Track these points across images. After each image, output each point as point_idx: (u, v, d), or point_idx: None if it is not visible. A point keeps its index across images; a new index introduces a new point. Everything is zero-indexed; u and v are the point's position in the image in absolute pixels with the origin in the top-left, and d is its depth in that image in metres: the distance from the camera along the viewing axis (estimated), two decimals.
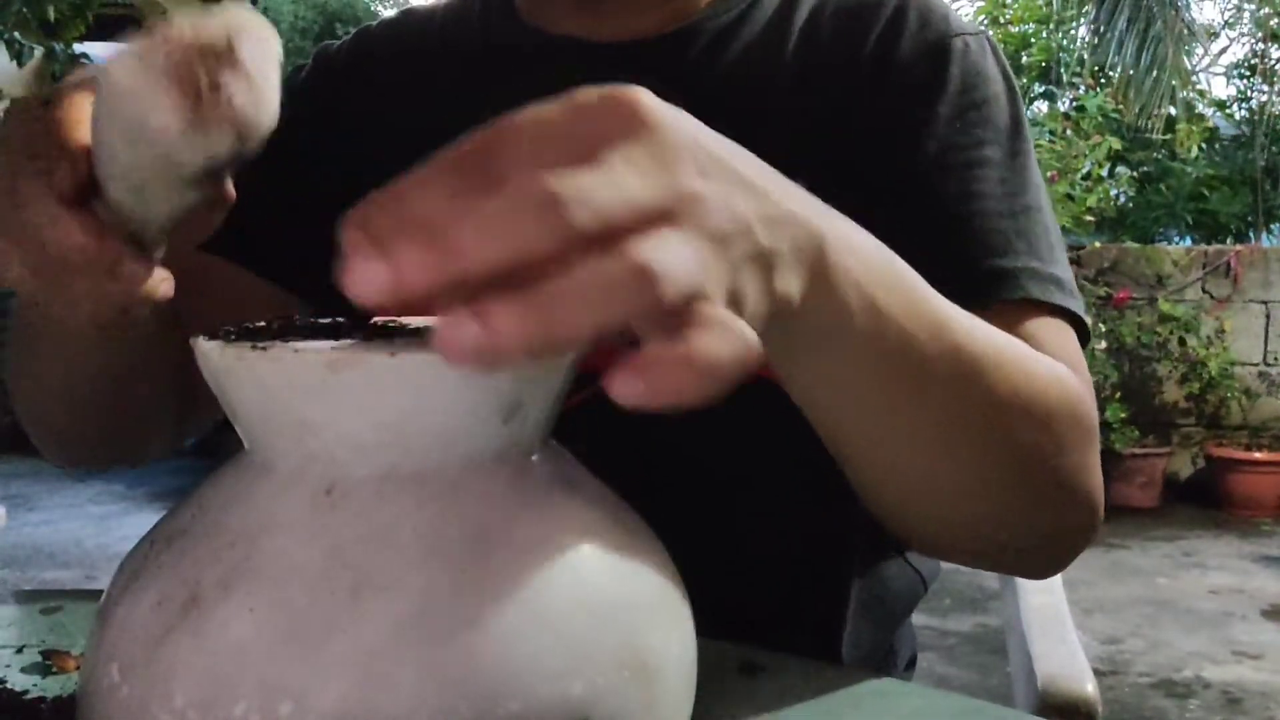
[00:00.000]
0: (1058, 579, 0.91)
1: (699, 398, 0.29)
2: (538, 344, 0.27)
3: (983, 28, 0.72)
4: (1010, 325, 0.59)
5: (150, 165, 0.36)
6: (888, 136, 0.65)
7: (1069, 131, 4.90)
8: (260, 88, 0.35)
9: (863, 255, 0.41)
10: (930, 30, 0.67)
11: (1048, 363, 0.55)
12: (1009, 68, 0.69)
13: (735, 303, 0.32)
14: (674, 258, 0.29)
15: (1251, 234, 5.54)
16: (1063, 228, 4.29)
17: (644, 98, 0.32)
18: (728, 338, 0.29)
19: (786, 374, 0.45)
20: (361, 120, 0.74)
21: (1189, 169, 5.52)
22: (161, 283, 0.41)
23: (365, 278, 0.27)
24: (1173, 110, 5.59)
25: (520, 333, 0.27)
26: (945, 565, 0.80)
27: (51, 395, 0.60)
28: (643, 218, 0.29)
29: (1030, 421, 0.52)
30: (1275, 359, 4.61)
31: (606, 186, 0.29)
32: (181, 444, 0.73)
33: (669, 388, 0.28)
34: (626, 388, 0.28)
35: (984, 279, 0.61)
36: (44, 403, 0.62)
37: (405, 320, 0.41)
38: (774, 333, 0.37)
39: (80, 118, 0.38)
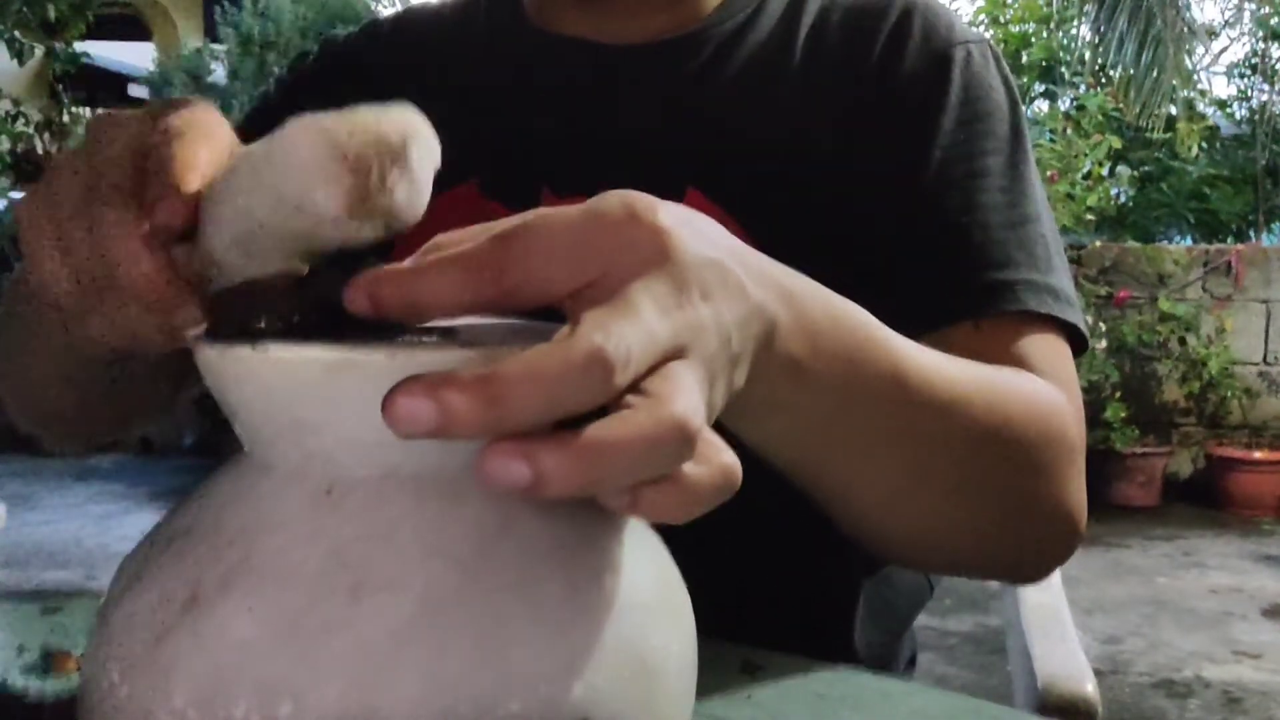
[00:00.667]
0: (1058, 579, 0.91)
1: (678, 520, 0.31)
2: (582, 489, 0.29)
3: (985, 35, 0.72)
4: (1005, 340, 0.60)
5: (285, 236, 0.36)
6: (891, 146, 0.66)
7: (1069, 131, 4.90)
8: (419, 191, 0.36)
9: (812, 328, 0.41)
10: (934, 40, 0.67)
11: (1028, 389, 0.56)
12: (1010, 75, 0.70)
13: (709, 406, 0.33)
14: (694, 402, 0.30)
15: (1252, 233, 5.54)
16: (1063, 227, 4.30)
17: (664, 218, 0.33)
18: (714, 472, 0.31)
19: (738, 432, 0.44)
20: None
21: (1190, 168, 5.52)
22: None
23: (412, 415, 0.29)
24: (1173, 109, 5.59)
25: (565, 478, 0.28)
26: None
27: (43, 381, 0.59)
28: (663, 357, 0.31)
29: (1006, 456, 0.53)
30: (1276, 358, 4.61)
31: (639, 336, 0.30)
32: (170, 412, 0.72)
33: (655, 509, 0.30)
34: (619, 503, 0.30)
35: (982, 291, 0.61)
36: (33, 387, 0.61)
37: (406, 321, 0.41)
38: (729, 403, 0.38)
39: (194, 162, 0.37)
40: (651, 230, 0.33)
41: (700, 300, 0.33)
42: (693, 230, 0.35)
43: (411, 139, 0.36)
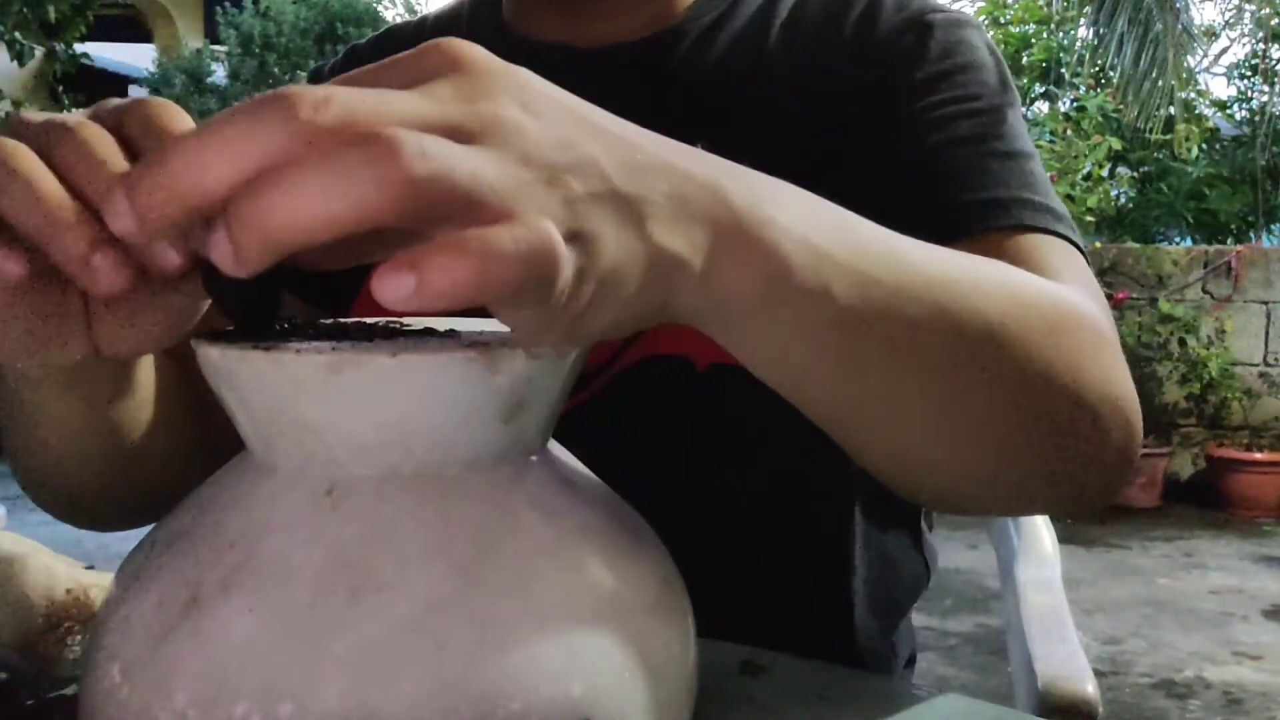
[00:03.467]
0: (1058, 579, 0.91)
1: (479, 295, 0.27)
2: (466, 296, 0.26)
3: (966, 13, 0.72)
4: (1006, 253, 0.54)
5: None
6: (871, 106, 0.65)
7: (1069, 132, 4.91)
8: None
9: (784, 204, 0.37)
10: (908, 10, 0.68)
11: (1039, 280, 0.50)
12: (994, 44, 0.69)
13: (586, 243, 0.30)
14: (445, 149, 0.27)
15: (1252, 234, 5.54)
16: None
17: (470, 47, 0.31)
18: (515, 229, 0.27)
19: (736, 348, 0.40)
20: None
21: (1189, 169, 5.52)
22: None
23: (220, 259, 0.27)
24: (1172, 110, 5.59)
25: (450, 282, 0.26)
26: (944, 565, 0.80)
27: (57, 450, 0.53)
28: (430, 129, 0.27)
29: (1032, 342, 0.46)
30: (1276, 359, 4.61)
31: (383, 100, 0.28)
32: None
33: (443, 280, 0.26)
34: (393, 285, 0.26)
35: (975, 208, 0.58)
36: (49, 459, 0.54)
37: (407, 321, 0.41)
38: (699, 302, 0.35)
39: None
40: (449, 49, 0.31)
41: (518, 109, 0.30)
42: (537, 79, 0.32)
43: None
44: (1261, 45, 5.98)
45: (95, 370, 0.46)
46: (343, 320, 0.41)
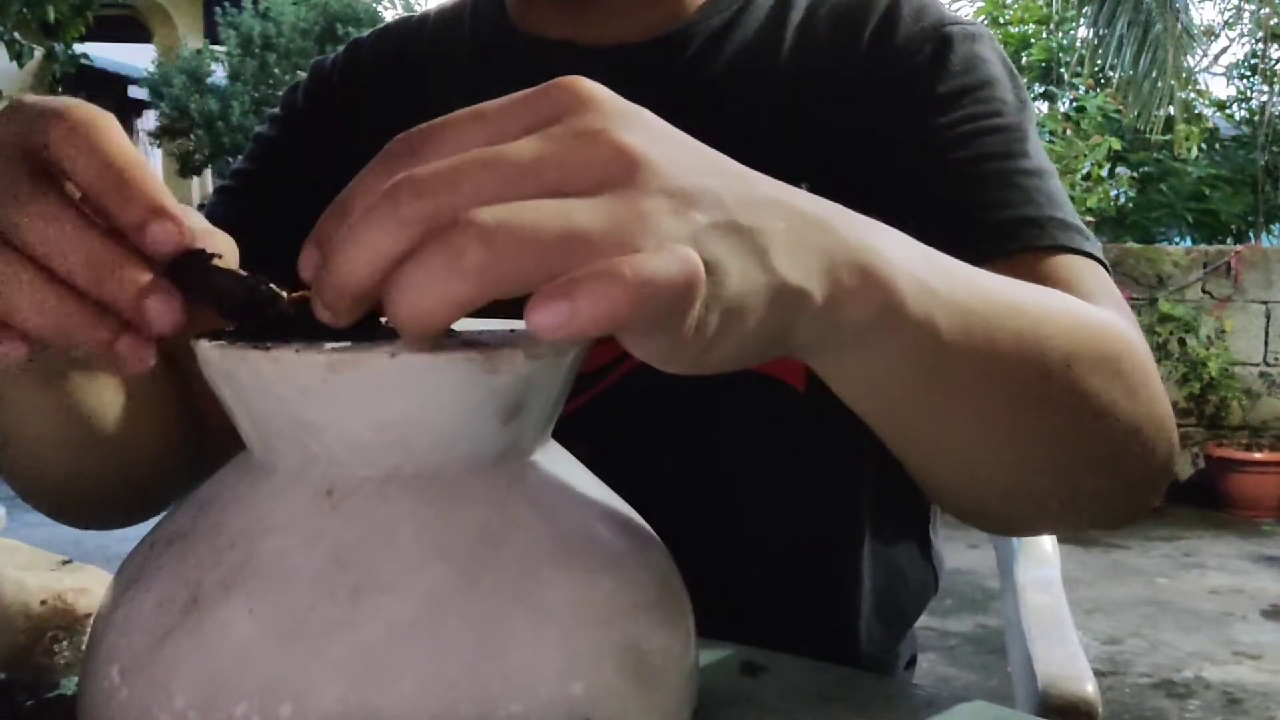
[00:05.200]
0: (1058, 579, 0.91)
1: (632, 320, 0.27)
2: (615, 324, 0.27)
3: (978, 23, 0.71)
4: (1042, 273, 0.56)
5: None
6: (889, 117, 0.65)
7: (1069, 132, 4.91)
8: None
9: (889, 238, 0.38)
10: (926, 20, 0.67)
11: (1095, 311, 0.51)
12: (1006, 57, 0.69)
13: (712, 272, 0.31)
14: (523, 212, 0.28)
15: (1252, 234, 5.53)
16: None
17: (590, 84, 0.31)
18: (662, 255, 0.28)
19: (841, 378, 0.42)
20: (357, 132, 0.74)
21: (1189, 169, 5.52)
22: None
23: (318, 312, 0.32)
24: (1172, 110, 5.59)
25: (599, 310, 0.27)
26: (945, 565, 0.80)
27: (31, 441, 0.53)
28: (564, 177, 0.29)
29: (1097, 374, 0.48)
30: (1276, 359, 4.61)
31: (477, 159, 0.29)
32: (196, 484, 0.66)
33: (598, 307, 0.27)
34: (547, 314, 0.27)
35: (1010, 226, 0.59)
36: (25, 450, 0.54)
37: None
38: (818, 333, 0.36)
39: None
40: (572, 87, 0.31)
41: (645, 141, 0.31)
42: (656, 119, 0.32)
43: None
44: (1261, 45, 5.98)
45: (66, 363, 0.46)
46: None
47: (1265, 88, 5.84)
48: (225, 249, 0.37)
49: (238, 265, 0.37)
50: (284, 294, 0.36)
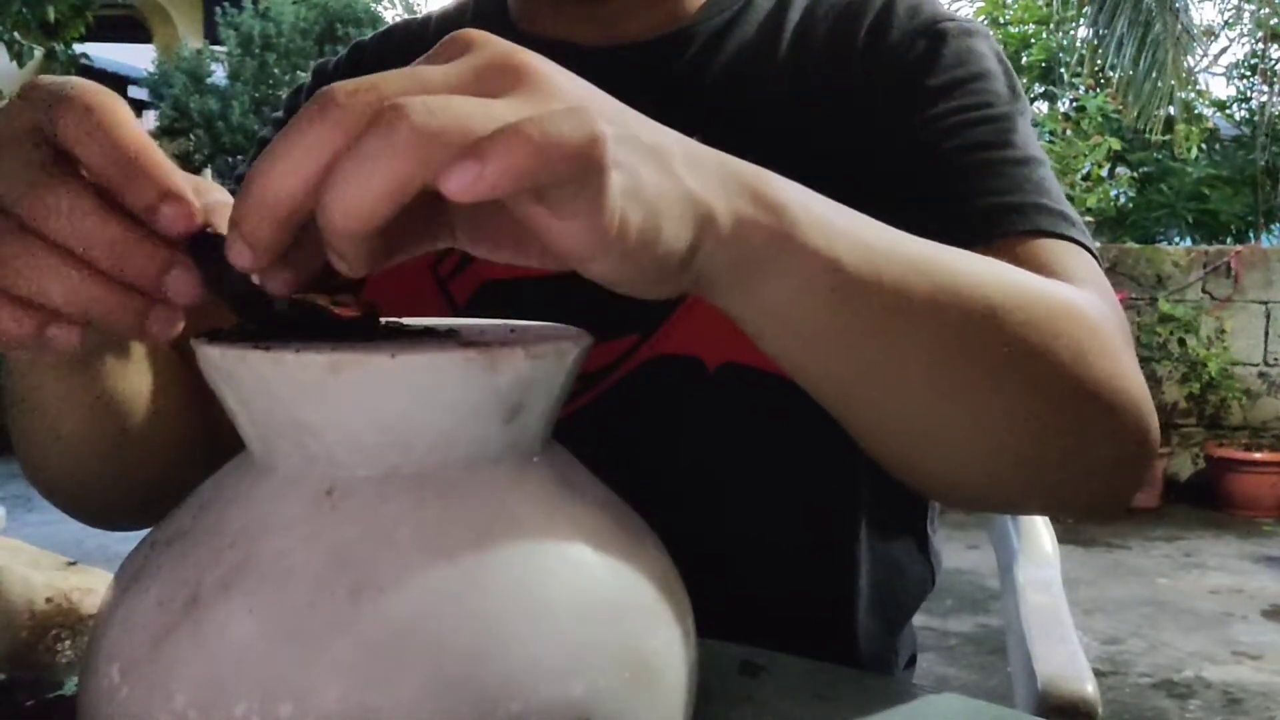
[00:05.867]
0: (1057, 579, 0.91)
1: (538, 176, 0.29)
2: (519, 180, 0.29)
3: (974, 20, 0.72)
4: (1024, 258, 0.55)
5: None
6: (884, 113, 0.65)
7: (1069, 132, 4.91)
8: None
9: (798, 187, 0.40)
10: (920, 17, 0.68)
11: (1043, 279, 0.51)
12: (1002, 53, 0.69)
13: (624, 170, 0.32)
14: (455, 102, 0.30)
15: (1252, 234, 5.54)
16: None
17: (489, 35, 0.33)
18: (567, 117, 0.30)
19: (745, 314, 0.41)
20: None
21: (1189, 169, 5.52)
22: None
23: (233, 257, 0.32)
24: (1172, 110, 5.60)
25: (507, 169, 0.29)
26: (944, 565, 0.80)
27: (57, 435, 0.53)
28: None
29: (1031, 325, 0.46)
30: (1275, 359, 4.61)
31: (406, 75, 0.31)
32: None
33: (505, 162, 0.29)
34: (458, 175, 0.28)
35: (992, 212, 0.59)
36: (50, 445, 0.54)
37: (407, 321, 0.41)
38: (721, 254, 0.37)
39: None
40: (511, 60, 0.33)
41: (596, 116, 0.32)
42: (590, 87, 0.35)
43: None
44: (1261, 45, 5.98)
45: (95, 353, 0.47)
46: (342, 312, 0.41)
47: (1265, 88, 5.84)
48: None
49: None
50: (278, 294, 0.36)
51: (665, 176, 0.34)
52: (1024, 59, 6.21)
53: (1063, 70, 6.06)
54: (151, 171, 0.35)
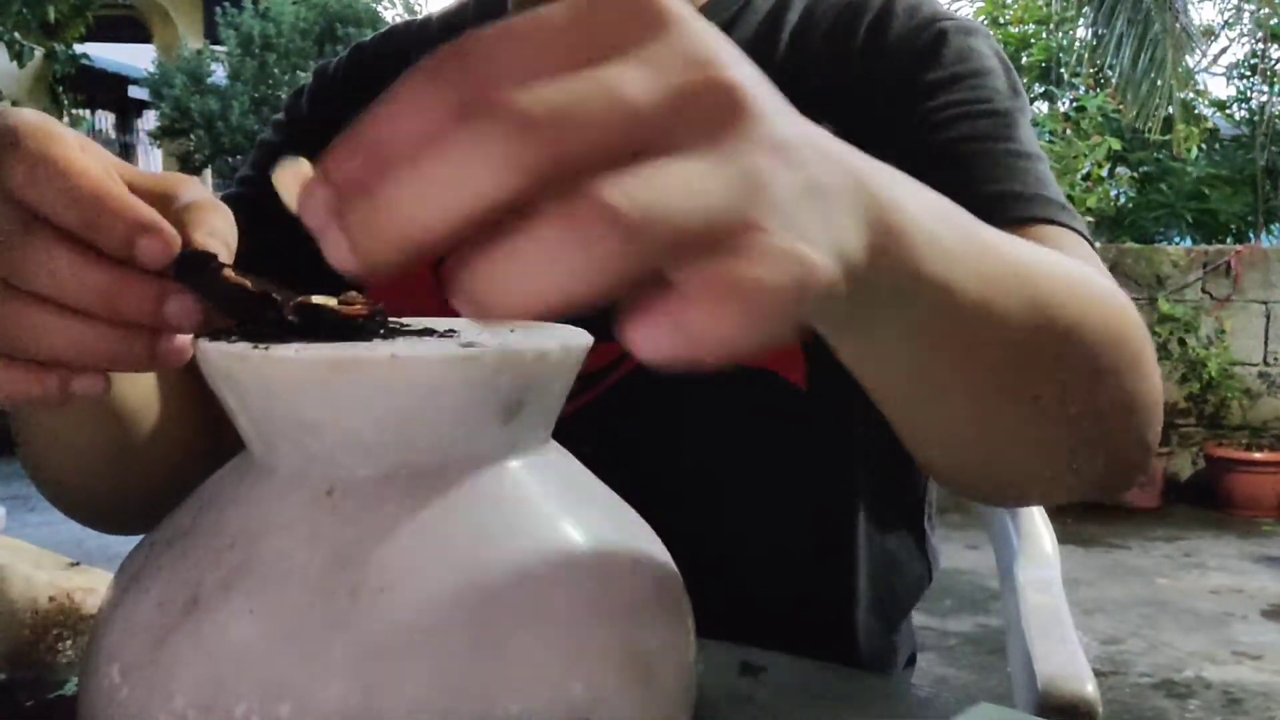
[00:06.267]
0: (1057, 579, 0.91)
1: (748, 341, 0.23)
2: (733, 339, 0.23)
3: (973, 19, 0.72)
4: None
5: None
6: (884, 110, 0.65)
7: (1069, 132, 4.91)
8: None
9: (921, 198, 0.36)
10: (920, 16, 0.68)
11: (1098, 277, 0.50)
12: (1002, 52, 0.69)
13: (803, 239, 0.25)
14: (658, 189, 0.22)
15: (1251, 234, 5.53)
16: None
17: (746, 86, 0.25)
18: (776, 258, 0.23)
19: (840, 343, 0.38)
20: None
21: (1189, 169, 5.52)
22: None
23: (334, 254, 0.24)
24: (1171, 110, 5.60)
25: (503, 300, 0.22)
26: (944, 565, 0.80)
27: (56, 459, 0.53)
28: (652, 128, 0.23)
29: (1103, 341, 0.46)
30: (1275, 359, 4.61)
31: (595, 96, 0.22)
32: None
33: (705, 329, 0.22)
34: (650, 340, 0.22)
35: (993, 199, 0.58)
36: (57, 460, 0.54)
37: (407, 321, 0.41)
38: (843, 304, 0.30)
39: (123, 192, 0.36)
40: (724, 90, 0.24)
41: (733, 72, 0.25)
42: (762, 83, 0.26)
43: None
44: (1261, 45, 5.98)
45: None
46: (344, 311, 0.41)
47: (1265, 88, 5.84)
48: (223, 227, 0.38)
49: (236, 237, 0.39)
50: (282, 297, 0.36)
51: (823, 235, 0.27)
52: (1024, 59, 6.21)
53: (1062, 70, 6.06)
54: (117, 209, 0.34)
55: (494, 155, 0.22)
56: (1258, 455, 4.37)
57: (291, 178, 0.32)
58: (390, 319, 0.40)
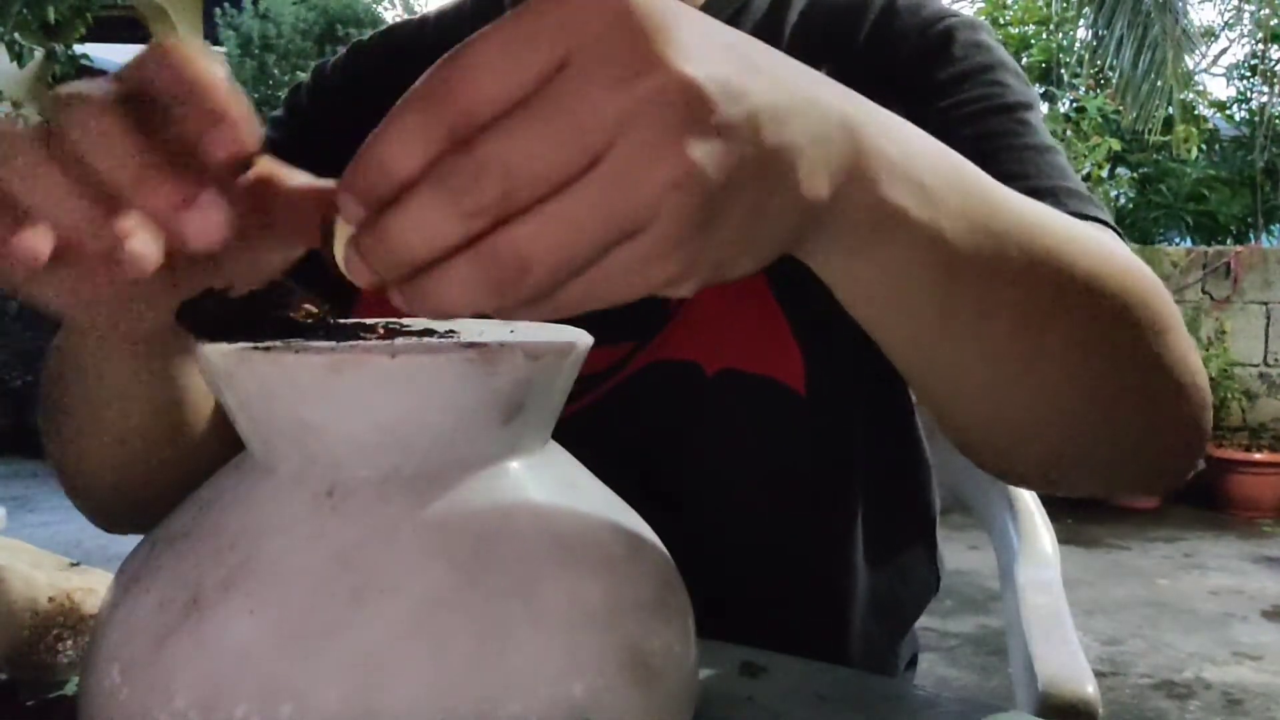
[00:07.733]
0: (1058, 580, 0.91)
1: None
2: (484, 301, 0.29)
3: (977, 17, 0.72)
4: None
5: None
6: (893, 108, 0.65)
7: (1069, 133, 4.91)
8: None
9: (903, 140, 0.37)
10: (924, 14, 0.68)
11: (1123, 246, 0.50)
12: (1004, 49, 0.69)
13: (753, 213, 0.30)
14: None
15: (1251, 235, 5.54)
16: None
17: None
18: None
19: (834, 279, 0.40)
20: (359, 135, 0.74)
21: (1189, 170, 5.52)
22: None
23: (353, 272, 0.30)
24: (1171, 111, 5.60)
25: (469, 297, 0.29)
26: (946, 565, 0.80)
27: (101, 449, 0.53)
28: (603, 134, 0.28)
29: (1121, 301, 0.45)
30: (1275, 360, 4.61)
31: (551, 135, 0.28)
32: None
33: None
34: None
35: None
36: (93, 460, 0.54)
37: (407, 321, 0.41)
38: (809, 235, 0.34)
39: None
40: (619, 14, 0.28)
41: (684, 60, 0.28)
42: (691, 11, 0.30)
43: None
44: (1260, 46, 5.98)
45: (163, 345, 0.45)
46: (342, 321, 0.41)
47: (1265, 88, 5.84)
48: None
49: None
50: (298, 297, 0.37)
51: (782, 190, 0.32)
52: (1024, 60, 6.21)
53: (1062, 71, 6.06)
54: (213, 84, 0.34)
55: (462, 207, 0.28)
56: (1258, 456, 4.37)
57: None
58: (390, 319, 0.40)
